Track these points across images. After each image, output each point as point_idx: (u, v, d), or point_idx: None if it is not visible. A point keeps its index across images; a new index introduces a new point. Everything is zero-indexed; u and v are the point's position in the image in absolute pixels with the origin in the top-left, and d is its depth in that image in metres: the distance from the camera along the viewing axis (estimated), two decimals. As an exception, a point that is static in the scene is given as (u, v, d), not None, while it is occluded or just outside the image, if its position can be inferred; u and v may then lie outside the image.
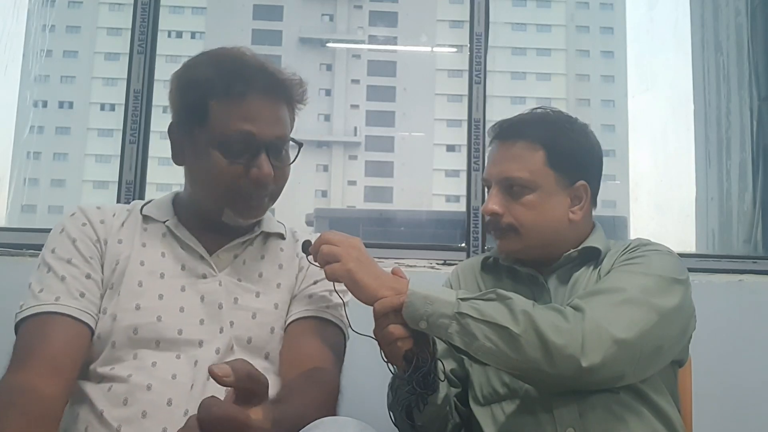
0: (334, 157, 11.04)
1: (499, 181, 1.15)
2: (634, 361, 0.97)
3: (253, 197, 1.02)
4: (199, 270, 1.03)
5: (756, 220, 2.20)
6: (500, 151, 1.17)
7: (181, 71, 1.05)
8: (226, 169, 0.99)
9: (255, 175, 0.99)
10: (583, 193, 1.15)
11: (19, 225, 3.40)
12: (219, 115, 0.99)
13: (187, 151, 1.04)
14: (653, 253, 1.09)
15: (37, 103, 3.00)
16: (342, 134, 11.14)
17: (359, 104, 11.34)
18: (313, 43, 10.92)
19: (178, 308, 0.99)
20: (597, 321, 0.94)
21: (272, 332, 1.03)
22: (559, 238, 1.15)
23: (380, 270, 1.00)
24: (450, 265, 1.81)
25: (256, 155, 1.00)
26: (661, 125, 3.61)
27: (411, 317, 0.96)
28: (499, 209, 1.14)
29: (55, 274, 0.98)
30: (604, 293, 1.01)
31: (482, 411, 1.12)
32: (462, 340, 0.96)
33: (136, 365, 0.94)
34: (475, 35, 1.95)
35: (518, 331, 0.93)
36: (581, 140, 1.16)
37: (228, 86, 0.99)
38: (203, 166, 1.01)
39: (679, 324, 1.03)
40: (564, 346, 0.92)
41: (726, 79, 2.45)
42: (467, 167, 1.88)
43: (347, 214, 8.00)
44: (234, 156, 0.99)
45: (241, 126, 0.99)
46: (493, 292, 0.99)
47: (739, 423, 1.67)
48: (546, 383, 1.00)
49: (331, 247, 0.99)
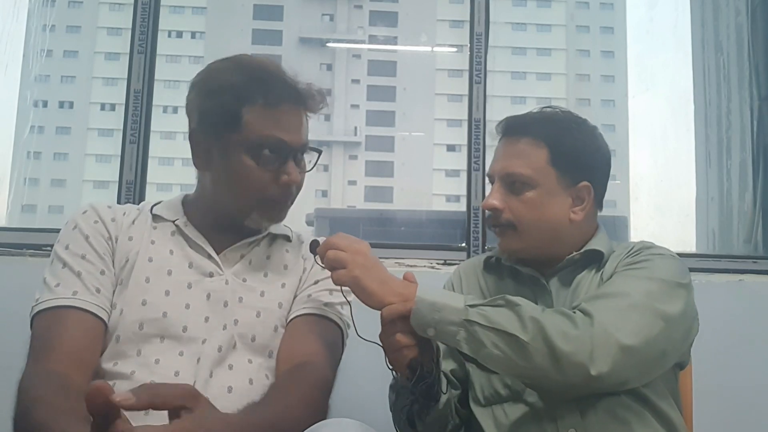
0: (334, 156, 11.04)
1: (501, 176, 1.15)
2: (639, 368, 0.96)
3: (280, 202, 1.06)
4: (206, 268, 1.04)
5: (756, 220, 2.20)
6: (505, 147, 1.17)
7: (204, 77, 1.07)
8: (257, 174, 1.02)
9: (285, 182, 1.03)
10: (586, 194, 1.14)
11: (20, 225, 3.40)
12: (252, 122, 1.01)
13: (215, 156, 1.05)
14: (657, 257, 1.08)
15: (38, 102, 3.00)
16: (342, 134, 11.13)
17: (359, 104, 11.33)
18: (313, 43, 10.91)
19: (183, 305, 1.00)
20: (605, 327, 0.94)
21: (275, 331, 1.05)
22: (559, 238, 1.15)
23: (387, 275, 0.99)
24: (450, 265, 1.81)
25: (285, 162, 1.03)
26: (661, 125, 3.61)
27: (419, 324, 0.96)
28: (499, 204, 1.14)
29: (71, 269, 1.00)
30: (609, 297, 1.00)
31: (483, 412, 1.12)
32: (470, 347, 0.95)
33: (140, 362, 0.95)
34: (475, 35, 1.95)
35: (526, 339, 0.92)
36: (587, 141, 1.16)
37: (262, 94, 1.02)
38: (233, 171, 1.03)
39: (683, 329, 1.03)
40: (572, 353, 0.92)
41: (726, 78, 2.45)
42: (467, 167, 1.88)
43: (347, 214, 7.99)
44: (265, 162, 1.02)
45: (274, 133, 1.02)
46: (501, 298, 0.98)
47: (739, 423, 1.67)
48: (553, 390, 1.00)
49: (337, 253, 0.98)
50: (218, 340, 0.99)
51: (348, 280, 0.97)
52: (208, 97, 1.05)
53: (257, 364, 1.01)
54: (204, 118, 1.05)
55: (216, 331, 1.00)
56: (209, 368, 0.96)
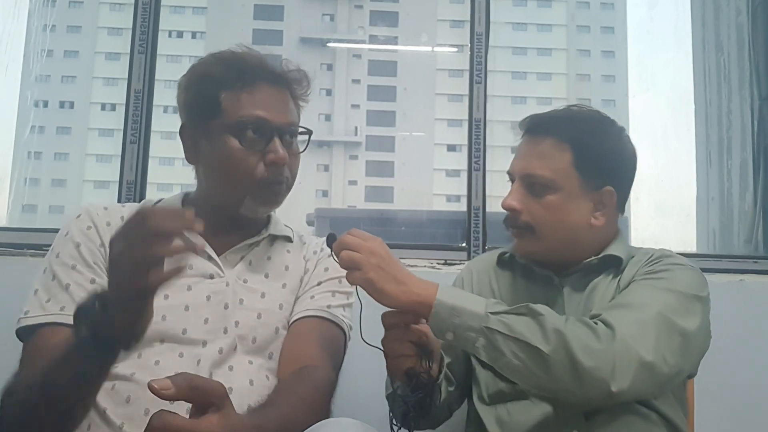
0: (334, 156, 11.02)
1: (522, 176, 1.11)
2: (656, 383, 0.95)
3: (271, 183, 1.04)
4: (206, 270, 1.04)
5: (757, 219, 2.19)
6: (527, 146, 1.13)
7: (187, 72, 1.08)
8: (243, 156, 1.02)
9: (271, 159, 1.02)
10: (609, 199, 1.11)
11: (20, 225, 3.40)
12: (231, 105, 1.02)
13: (202, 146, 1.06)
14: (677, 267, 1.06)
15: (38, 103, 2.99)
16: (343, 134, 11.12)
17: (360, 104, 11.31)
18: (314, 43, 10.90)
19: (183, 307, 1.00)
20: (627, 341, 0.91)
21: (276, 332, 1.04)
22: (578, 243, 1.12)
23: (404, 274, 0.96)
24: (450, 265, 1.81)
25: (270, 141, 1.03)
26: (661, 125, 3.60)
27: (437, 328, 0.94)
28: (518, 206, 1.10)
29: (60, 282, 0.99)
30: (629, 308, 0.97)
31: (487, 410, 1.11)
32: (489, 355, 0.93)
33: (140, 364, 0.95)
34: (475, 35, 1.94)
35: (548, 351, 0.90)
36: (613, 144, 1.12)
37: (238, 76, 1.02)
38: (220, 157, 1.03)
39: (699, 344, 1.01)
40: (595, 368, 0.89)
41: (727, 78, 2.45)
42: (468, 167, 1.88)
43: (348, 214, 7.99)
44: (249, 143, 1.02)
45: (253, 111, 1.02)
46: (525, 306, 0.95)
47: (740, 423, 1.67)
48: (569, 402, 0.98)
49: (350, 254, 0.94)
50: (219, 342, 0.99)
51: (362, 282, 0.94)
52: (188, 90, 1.07)
53: (257, 365, 1.01)
54: (188, 111, 1.07)
55: (216, 333, 1.00)
56: (209, 369, 0.96)
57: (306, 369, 0.98)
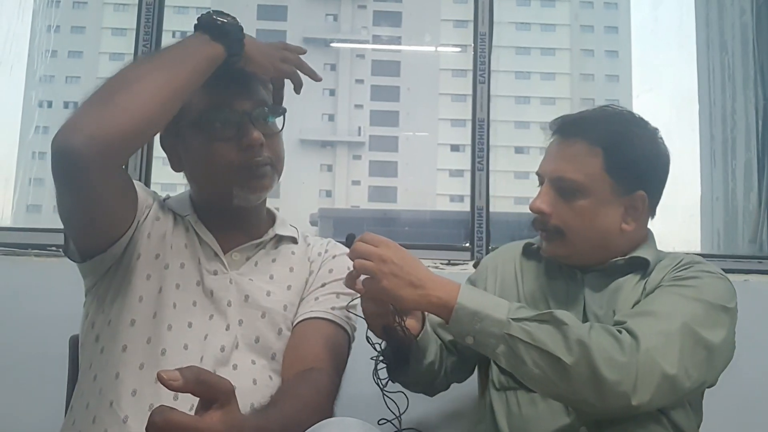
0: (338, 157, 11.01)
1: (552, 179, 1.09)
2: (677, 395, 0.94)
3: (252, 167, 1.03)
4: (211, 266, 1.04)
5: (761, 219, 2.19)
6: (558, 148, 1.11)
7: None
8: (216, 148, 1.01)
9: (247, 143, 1.01)
10: (641, 203, 1.09)
11: (25, 225, 3.40)
12: (194, 102, 1.01)
13: (181, 151, 1.06)
14: (706, 275, 1.03)
15: (42, 103, 2.99)
16: (346, 134, 11.11)
17: (363, 104, 11.30)
18: (317, 43, 10.88)
19: (191, 302, 1.01)
20: (651, 354, 0.90)
21: (280, 333, 1.05)
22: (608, 248, 1.10)
23: (420, 275, 0.94)
24: (454, 264, 1.81)
25: (241, 126, 1.01)
26: (665, 125, 3.60)
27: (457, 332, 0.93)
28: (547, 209, 1.09)
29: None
30: (655, 317, 0.95)
31: (498, 396, 1.12)
32: (509, 362, 0.92)
33: (149, 352, 0.97)
34: (479, 35, 1.94)
35: (570, 362, 0.89)
36: (646, 147, 1.09)
37: None
38: (198, 156, 1.03)
39: (723, 358, 0.99)
40: (617, 382, 0.88)
41: (731, 78, 2.44)
42: (471, 167, 1.87)
43: (351, 214, 7.98)
44: (221, 134, 1.01)
45: (216, 103, 1.01)
46: (548, 313, 0.93)
47: (744, 423, 1.67)
48: (587, 411, 0.97)
49: (362, 263, 0.94)
50: (221, 340, 0.99)
51: (377, 292, 0.93)
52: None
53: (260, 365, 1.02)
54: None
55: (219, 330, 1.00)
56: (212, 367, 0.96)
57: (309, 371, 0.98)
